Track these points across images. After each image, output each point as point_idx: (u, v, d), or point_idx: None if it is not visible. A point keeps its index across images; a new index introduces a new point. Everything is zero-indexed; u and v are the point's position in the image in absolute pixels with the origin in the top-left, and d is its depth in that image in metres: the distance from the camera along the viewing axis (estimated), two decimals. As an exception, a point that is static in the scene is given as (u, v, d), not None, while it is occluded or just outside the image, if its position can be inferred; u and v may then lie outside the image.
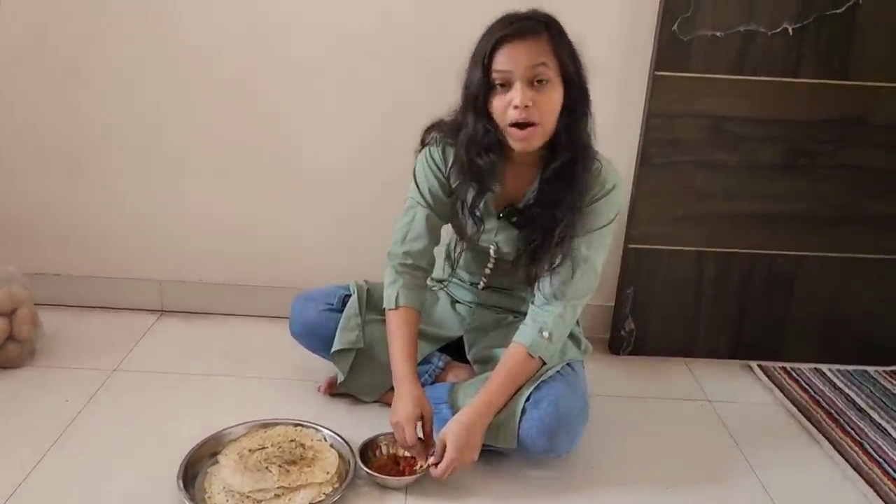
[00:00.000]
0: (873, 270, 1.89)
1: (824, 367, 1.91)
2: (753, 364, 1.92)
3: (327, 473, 1.33)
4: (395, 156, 1.60)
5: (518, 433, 1.35)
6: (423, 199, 1.47)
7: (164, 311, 2.03)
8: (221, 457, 1.38)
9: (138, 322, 1.96)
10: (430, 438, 1.38)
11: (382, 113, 1.86)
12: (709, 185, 1.81)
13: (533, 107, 1.27)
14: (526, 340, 1.39)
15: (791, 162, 1.80)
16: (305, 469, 1.34)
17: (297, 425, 1.48)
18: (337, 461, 1.37)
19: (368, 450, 1.42)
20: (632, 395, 1.76)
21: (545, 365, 1.42)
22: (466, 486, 1.38)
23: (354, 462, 1.37)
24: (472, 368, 1.56)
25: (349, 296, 1.57)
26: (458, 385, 1.49)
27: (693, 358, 1.94)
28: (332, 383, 1.62)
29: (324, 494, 1.30)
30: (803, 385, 1.82)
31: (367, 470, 1.35)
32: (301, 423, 1.48)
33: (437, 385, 1.55)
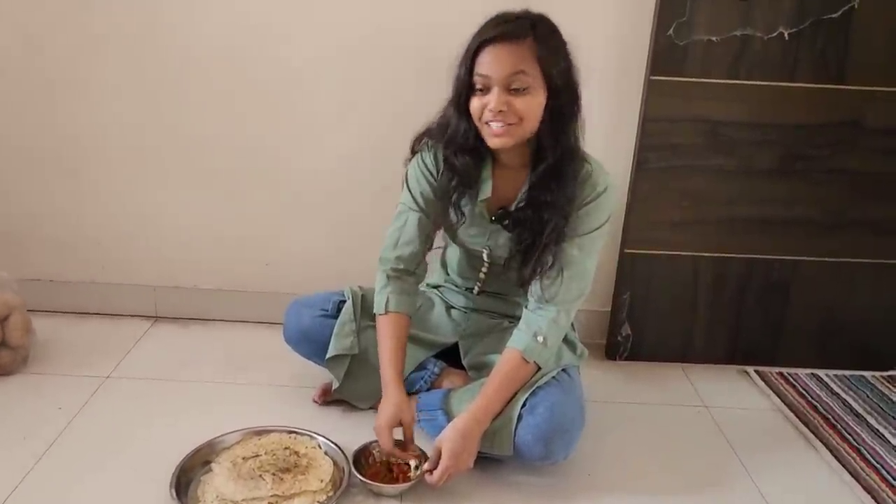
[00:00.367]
0: (870, 275, 1.89)
1: (821, 373, 1.91)
2: (750, 369, 1.91)
3: (321, 481, 1.33)
4: (389, 162, 1.60)
5: (514, 440, 1.35)
6: (415, 203, 1.47)
7: (158, 318, 2.02)
8: (215, 464, 1.37)
9: (132, 328, 1.95)
10: (411, 444, 1.38)
11: (377, 120, 1.85)
12: (705, 190, 1.81)
13: (508, 111, 1.27)
14: (521, 345, 1.39)
15: (787, 166, 1.80)
16: (300, 477, 1.33)
17: (291, 432, 1.47)
18: (331, 469, 1.37)
19: (361, 457, 1.41)
20: (628, 400, 1.76)
21: (541, 370, 1.41)
22: (462, 493, 1.37)
23: (349, 470, 1.36)
24: (468, 374, 1.55)
25: (344, 302, 1.57)
26: (453, 391, 1.49)
27: (690, 363, 1.94)
28: (325, 391, 1.62)
29: (318, 502, 1.29)
30: (800, 390, 1.81)
31: (361, 478, 1.34)
32: (295, 430, 1.47)
33: (432, 391, 1.55)
